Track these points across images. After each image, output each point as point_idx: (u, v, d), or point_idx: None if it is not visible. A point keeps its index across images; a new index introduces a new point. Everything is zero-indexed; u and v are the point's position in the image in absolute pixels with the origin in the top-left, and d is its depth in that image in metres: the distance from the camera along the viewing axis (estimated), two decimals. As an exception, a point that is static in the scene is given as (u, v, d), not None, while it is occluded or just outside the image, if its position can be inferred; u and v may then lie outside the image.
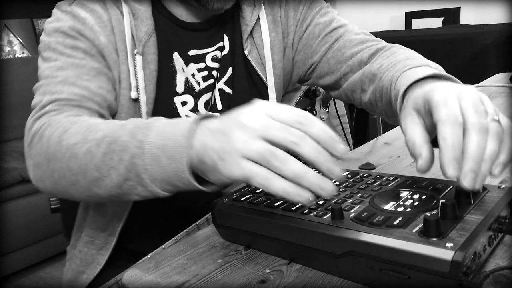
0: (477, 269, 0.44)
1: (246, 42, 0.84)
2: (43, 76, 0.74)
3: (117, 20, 0.76)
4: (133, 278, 0.55)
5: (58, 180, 0.62)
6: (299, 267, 0.52)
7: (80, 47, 0.74)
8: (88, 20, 0.75)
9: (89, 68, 0.73)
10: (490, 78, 1.46)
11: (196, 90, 0.82)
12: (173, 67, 0.81)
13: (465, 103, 0.46)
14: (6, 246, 2.02)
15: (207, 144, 0.48)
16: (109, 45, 0.76)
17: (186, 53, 0.81)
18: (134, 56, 0.76)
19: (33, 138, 0.66)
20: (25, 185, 2.09)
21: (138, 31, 0.76)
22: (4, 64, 2.60)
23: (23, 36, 2.94)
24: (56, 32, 0.75)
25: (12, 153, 2.33)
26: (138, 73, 0.76)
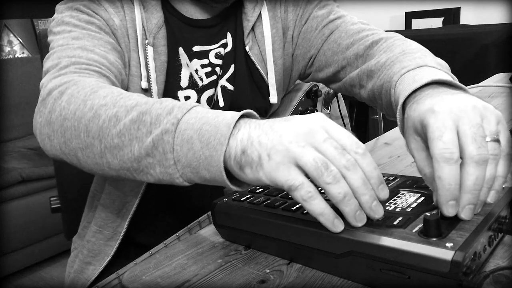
0: (477, 269, 0.44)
1: (247, 38, 0.84)
2: (57, 45, 0.70)
3: (128, 8, 0.77)
4: (133, 278, 0.55)
5: (69, 141, 0.58)
6: (299, 267, 0.52)
7: (95, 22, 0.74)
8: (102, 2, 0.75)
9: (105, 41, 0.73)
10: (490, 78, 1.46)
11: (199, 86, 0.83)
12: (179, 61, 0.82)
13: (463, 129, 0.43)
14: (6, 246, 2.02)
15: (254, 139, 0.45)
16: (122, 28, 0.76)
17: (190, 48, 0.82)
18: (146, 46, 0.77)
19: (49, 94, 0.62)
20: (25, 185, 2.09)
21: (148, 23, 0.77)
22: (4, 64, 2.60)
23: (23, 36, 2.94)
24: (69, 9, 0.74)
25: (12, 153, 2.33)
26: (150, 63, 0.76)
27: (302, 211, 0.51)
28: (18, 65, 2.65)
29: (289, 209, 0.52)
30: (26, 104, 2.64)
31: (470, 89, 1.31)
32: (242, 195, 0.59)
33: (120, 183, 0.82)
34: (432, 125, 0.44)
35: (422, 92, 0.53)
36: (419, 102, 0.50)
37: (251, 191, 0.61)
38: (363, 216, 0.45)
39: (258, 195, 0.59)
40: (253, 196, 0.59)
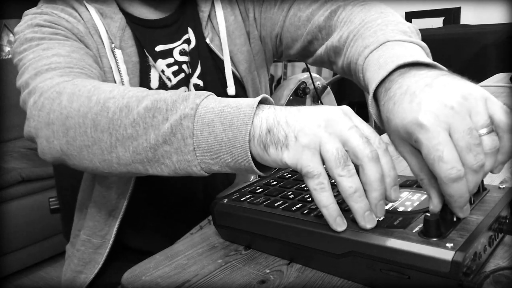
0: (477, 269, 0.44)
1: (206, 29, 0.83)
2: (28, 60, 0.67)
3: (87, 17, 0.75)
4: (133, 278, 0.55)
5: (73, 139, 0.55)
6: (299, 267, 0.52)
7: (59, 33, 0.71)
8: (61, 15, 0.73)
9: (77, 47, 0.70)
10: (490, 78, 1.45)
11: (168, 86, 0.81)
12: (148, 62, 0.80)
13: (456, 138, 0.40)
14: (6, 246, 2.02)
15: (281, 119, 0.45)
16: (88, 35, 0.74)
17: (153, 49, 0.80)
18: (113, 50, 0.75)
19: (42, 95, 0.59)
20: (25, 185, 2.09)
21: (110, 28, 0.76)
22: (4, 64, 2.60)
23: (23, 36, 2.94)
24: (30, 27, 0.71)
25: (12, 153, 2.33)
26: (121, 67, 0.74)
27: (302, 211, 0.51)
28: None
29: (289, 209, 0.52)
30: (26, 104, 2.65)
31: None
32: (242, 195, 0.59)
33: (107, 190, 0.80)
34: (427, 145, 0.41)
35: (391, 81, 0.49)
36: (393, 99, 0.46)
37: (251, 191, 0.61)
38: (372, 218, 0.44)
39: (258, 195, 0.59)
40: (253, 196, 0.59)
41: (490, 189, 0.51)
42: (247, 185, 0.64)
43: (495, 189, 0.51)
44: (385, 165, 0.43)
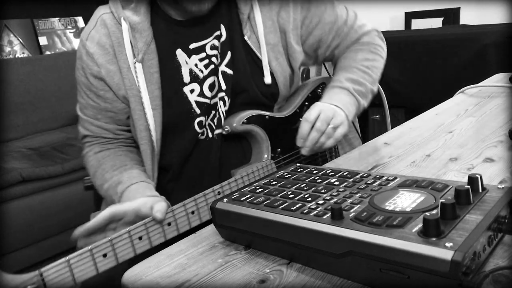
0: (476, 269, 0.44)
1: (245, 28, 0.96)
2: (79, 107, 1.00)
3: (116, 41, 0.91)
4: (133, 278, 0.55)
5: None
6: (299, 267, 0.52)
7: (94, 90, 0.95)
8: (96, 56, 0.92)
9: (100, 109, 0.96)
10: (490, 78, 1.46)
11: (200, 78, 0.94)
12: (177, 62, 0.93)
13: (321, 116, 0.88)
14: (6, 246, 2.02)
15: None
16: (112, 72, 0.92)
17: (187, 47, 0.93)
18: (134, 64, 0.90)
19: (82, 157, 1.03)
20: (25, 185, 2.09)
21: (138, 42, 0.91)
22: (4, 64, 2.60)
23: (23, 36, 2.94)
24: (79, 78, 0.97)
25: (12, 153, 2.33)
26: (139, 78, 0.90)
27: (302, 211, 0.51)
28: (18, 65, 2.65)
29: (289, 209, 0.52)
30: (26, 104, 2.64)
31: (470, 89, 1.31)
32: (242, 195, 0.59)
33: None
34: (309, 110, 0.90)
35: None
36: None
37: (251, 191, 0.61)
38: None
39: (258, 195, 0.59)
40: (253, 196, 0.59)
41: (489, 189, 0.51)
42: (247, 185, 0.64)
43: (494, 189, 0.51)
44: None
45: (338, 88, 0.97)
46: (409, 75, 2.49)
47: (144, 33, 0.90)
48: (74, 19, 3.18)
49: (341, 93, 0.96)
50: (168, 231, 0.74)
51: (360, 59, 1.01)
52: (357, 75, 0.99)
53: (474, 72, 2.25)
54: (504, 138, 0.87)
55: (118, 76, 0.92)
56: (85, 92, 0.96)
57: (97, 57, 0.92)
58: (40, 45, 3.01)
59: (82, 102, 0.97)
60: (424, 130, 1.01)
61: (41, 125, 2.71)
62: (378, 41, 1.06)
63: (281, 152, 1.00)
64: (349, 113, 0.93)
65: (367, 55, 1.02)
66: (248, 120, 0.95)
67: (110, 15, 0.92)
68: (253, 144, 0.99)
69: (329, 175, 0.63)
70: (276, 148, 0.99)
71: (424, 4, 2.89)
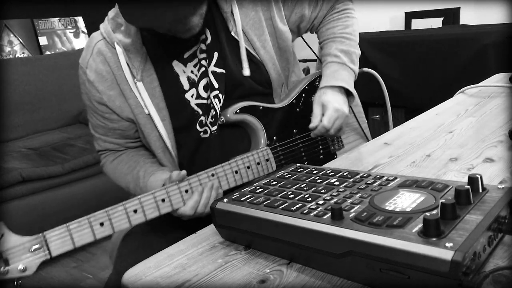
0: (476, 269, 0.44)
1: (230, 24, 1.01)
2: (90, 126, 1.09)
3: (114, 65, 0.97)
4: (133, 278, 0.55)
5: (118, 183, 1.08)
6: (299, 267, 0.52)
7: (100, 113, 1.02)
8: (96, 83, 0.98)
9: (109, 129, 1.04)
10: (490, 78, 1.46)
11: (195, 81, 1.00)
12: (175, 73, 0.99)
13: (336, 123, 1.02)
14: (6, 246, 2.02)
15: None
16: (111, 98, 0.98)
17: (182, 56, 0.99)
18: (135, 84, 0.96)
19: (101, 167, 1.12)
20: (25, 185, 2.09)
21: (134, 62, 0.96)
22: (4, 64, 2.60)
23: (23, 36, 2.94)
24: (85, 101, 1.05)
25: (12, 153, 2.33)
26: (143, 95, 0.96)
27: (302, 211, 0.51)
28: (18, 65, 2.65)
29: (289, 209, 0.52)
30: (26, 104, 2.64)
31: (470, 89, 1.31)
32: (242, 195, 0.59)
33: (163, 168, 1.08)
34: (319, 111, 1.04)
35: (322, 87, 1.07)
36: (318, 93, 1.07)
37: (251, 191, 0.61)
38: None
39: (258, 195, 0.59)
40: (253, 196, 0.59)
41: (489, 189, 0.51)
42: (246, 183, 0.64)
43: (495, 189, 0.51)
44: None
45: (337, 64, 1.08)
46: (409, 75, 2.49)
47: (138, 52, 0.95)
48: (74, 19, 3.18)
49: (340, 69, 1.07)
50: (162, 207, 0.83)
51: (342, 26, 1.12)
52: (346, 45, 1.10)
53: (474, 72, 2.25)
54: (504, 138, 0.87)
55: (119, 99, 0.98)
56: (93, 114, 1.04)
57: (97, 85, 0.98)
58: (40, 45, 3.01)
59: (92, 122, 1.06)
60: (424, 130, 1.01)
61: (41, 125, 2.71)
62: (350, 5, 1.16)
63: (277, 140, 1.05)
64: (351, 87, 1.06)
65: (346, 22, 1.13)
66: (241, 110, 1.00)
67: (104, 42, 0.97)
68: (250, 133, 1.04)
69: (329, 175, 0.63)
70: (272, 136, 1.04)
71: (424, 4, 2.89)
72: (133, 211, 0.80)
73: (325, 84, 1.05)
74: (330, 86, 1.04)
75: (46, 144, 2.48)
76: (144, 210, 0.81)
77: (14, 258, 0.71)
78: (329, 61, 1.09)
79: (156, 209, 0.82)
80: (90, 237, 0.76)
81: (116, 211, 0.78)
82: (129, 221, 0.79)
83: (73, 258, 2.22)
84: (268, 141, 1.03)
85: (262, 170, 0.98)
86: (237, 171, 0.93)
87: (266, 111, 1.04)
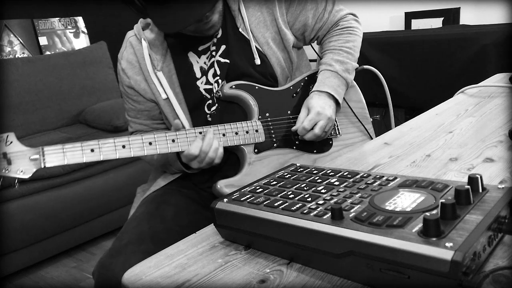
0: (476, 269, 0.44)
1: (238, 21, 1.14)
2: (126, 112, 1.25)
3: (141, 56, 1.14)
4: (133, 278, 0.55)
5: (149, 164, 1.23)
6: (299, 267, 0.52)
7: (130, 96, 1.19)
8: (126, 70, 1.16)
9: (137, 111, 1.20)
10: (490, 78, 1.46)
11: (206, 70, 1.14)
12: (189, 63, 1.14)
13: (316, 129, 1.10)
14: (6, 246, 2.02)
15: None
16: (138, 81, 1.15)
17: (196, 49, 1.15)
18: (156, 73, 1.13)
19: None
20: (25, 185, 2.09)
21: (156, 55, 1.13)
22: (4, 64, 2.60)
23: (23, 36, 2.94)
24: (120, 88, 1.22)
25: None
26: (163, 82, 1.13)
27: (302, 211, 0.51)
28: (18, 65, 2.65)
29: (289, 209, 0.52)
30: (26, 104, 2.64)
31: (470, 89, 1.31)
32: (242, 195, 0.59)
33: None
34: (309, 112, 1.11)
35: (314, 92, 1.15)
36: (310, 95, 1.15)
37: (251, 191, 0.61)
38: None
39: (258, 195, 0.59)
40: (253, 196, 0.59)
41: (489, 189, 0.51)
42: (247, 185, 0.64)
43: (495, 189, 0.51)
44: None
45: (329, 72, 1.17)
46: (409, 75, 2.49)
47: (160, 46, 1.13)
48: (74, 19, 3.18)
49: (331, 76, 1.16)
50: (148, 149, 0.97)
51: (343, 41, 1.21)
52: (342, 56, 1.19)
53: (474, 72, 2.25)
54: (504, 138, 0.87)
55: (143, 83, 1.15)
56: (126, 99, 1.21)
57: (127, 71, 1.16)
58: (40, 45, 3.01)
59: (126, 107, 1.23)
60: (424, 130, 1.01)
61: (41, 125, 2.71)
62: (355, 24, 1.24)
63: (269, 116, 1.13)
64: (338, 94, 1.15)
65: (348, 37, 1.22)
66: (237, 86, 1.11)
67: (134, 37, 1.17)
68: (246, 109, 1.13)
69: (329, 175, 0.63)
70: (265, 113, 1.13)
71: (424, 4, 2.89)
72: (121, 146, 0.94)
73: (314, 89, 1.15)
74: (318, 91, 1.14)
75: (46, 144, 2.47)
76: (131, 147, 0.95)
77: (16, 160, 0.90)
78: (322, 69, 1.18)
79: (142, 148, 0.96)
80: (80, 158, 0.90)
81: (106, 142, 0.93)
82: (116, 153, 0.94)
83: (73, 258, 2.22)
84: (260, 116, 1.12)
85: (250, 139, 1.08)
86: (225, 134, 1.05)
87: (261, 91, 1.13)
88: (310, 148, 1.17)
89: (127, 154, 0.95)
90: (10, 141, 0.90)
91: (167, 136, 0.98)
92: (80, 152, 0.90)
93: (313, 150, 1.17)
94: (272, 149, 1.12)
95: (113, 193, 2.30)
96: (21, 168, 0.89)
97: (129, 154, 0.95)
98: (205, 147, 0.99)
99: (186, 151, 0.99)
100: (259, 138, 1.10)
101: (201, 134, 1.02)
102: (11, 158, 0.89)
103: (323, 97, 1.13)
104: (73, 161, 0.90)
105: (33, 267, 2.18)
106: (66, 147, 0.89)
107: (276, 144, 1.12)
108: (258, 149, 1.10)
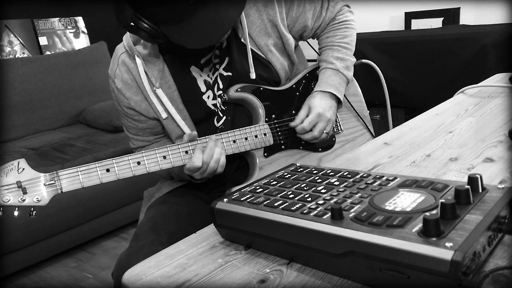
0: (476, 269, 0.44)
1: (239, 31, 1.11)
2: (124, 127, 1.20)
3: (137, 74, 1.07)
4: (133, 278, 0.55)
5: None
6: (299, 267, 0.52)
7: (130, 116, 1.13)
8: (123, 91, 1.09)
9: (139, 129, 1.15)
10: (490, 78, 1.46)
11: (211, 84, 1.11)
12: (193, 77, 1.09)
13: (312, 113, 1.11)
14: (6, 246, 2.02)
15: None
16: (139, 101, 1.09)
17: (198, 62, 1.09)
18: (154, 91, 1.06)
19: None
20: (25, 185, 2.09)
21: (152, 71, 1.06)
22: (4, 64, 2.60)
23: (23, 36, 2.94)
24: (116, 106, 1.17)
25: (12, 153, 2.33)
26: (163, 100, 1.07)
27: (302, 211, 0.51)
28: (18, 65, 2.65)
29: (289, 209, 0.52)
30: (26, 104, 2.64)
31: (470, 89, 1.31)
32: (242, 195, 0.59)
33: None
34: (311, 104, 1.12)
35: (316, 91, 1.16)
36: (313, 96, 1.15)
37: (251, 191, 0.61)
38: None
39: (258, 195, 0.59)
40: (253, 196, 0.59)
41: (489, 189, 0.51)
42: (247, 185, 0.64)
43: (494, 189, 0.51)
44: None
45: (331, 70, 1.17)
46: (409, 75, 2.49)
47: (156, 62, 1.06)
48: (74, 19, 3.18)
49: (333, 75, 1.16)
50: (163, 163, 0.95)
51: (341, 36, 1.21)
52: (342, 53, 1.19)
53: (474, 72, 2.25)
54: (504, 138, 0.87)
55: (144, 103, 1.09)
56: (124, 117, 1.15)
57: (124, 92, 1.09)
58: (40, 45, 3.01)
59: (124, 124, 1.18)
60: (424, 130, 1.01)
61: (41, 125, 2.71)
62: (351, 16, 1.24)
63: (275, 118, 1.13)
64: (340, 93, 1.15)
65: (345, 32, 1.22)
66: (242, 88, 1.10)
67: (126, 54, 1.08)
68: (251, 111, 1.13)
69: (329, 175, 0.63)
70: (271, 115, 1.13)
71: (424, 4, 2.89)
72: (136, 163, 0.92)
73: (317, 89, 1.15)
74: (321, 91, 1.14)
75: (46, 144, 2.48)
76: (146, 163, 0.93)
77: (31, 188, 0.84)
78: (324, 67, 1.18)
79: (157, 163, 0.94)
80: (96, 180, 0.89)
81: (121, 160, 0.91)
82: (132, 171, 0.92)
83: (73, 258, 2.22)
84: (267, 118, 1.12)
85: (259, 143, 1.09)
86: (235, 141, 1.05)
87: (266, 92, 1.13)
88: (315, 147, 1.18)
89: (143, 171, 0.93)
90: (22, 168, 0.84)
91: (180, 149, 0.97)
92: (95, 173, 0.88)
93: (318, 148, 1.19)
94: (281, 151, 1.13)
95: (113, 193, 2.30)
96: (37, 196, 0.84)
97: (145, 170, 0.93)
98: (206, 158, 0.97)
99: (188, 165, 0.97)
100: (268, 141, 1.11)
101: (200, 144, 0.99)
102: (26, 186, 0.83)
103: (325, 98, 1.13)
104: (90, 183, 0.88)
105: (33, 267, 2.18)
106: (81, 170, 0.87)
107: (284, 146, 1.14)
108: (267, 152, 1.11)
